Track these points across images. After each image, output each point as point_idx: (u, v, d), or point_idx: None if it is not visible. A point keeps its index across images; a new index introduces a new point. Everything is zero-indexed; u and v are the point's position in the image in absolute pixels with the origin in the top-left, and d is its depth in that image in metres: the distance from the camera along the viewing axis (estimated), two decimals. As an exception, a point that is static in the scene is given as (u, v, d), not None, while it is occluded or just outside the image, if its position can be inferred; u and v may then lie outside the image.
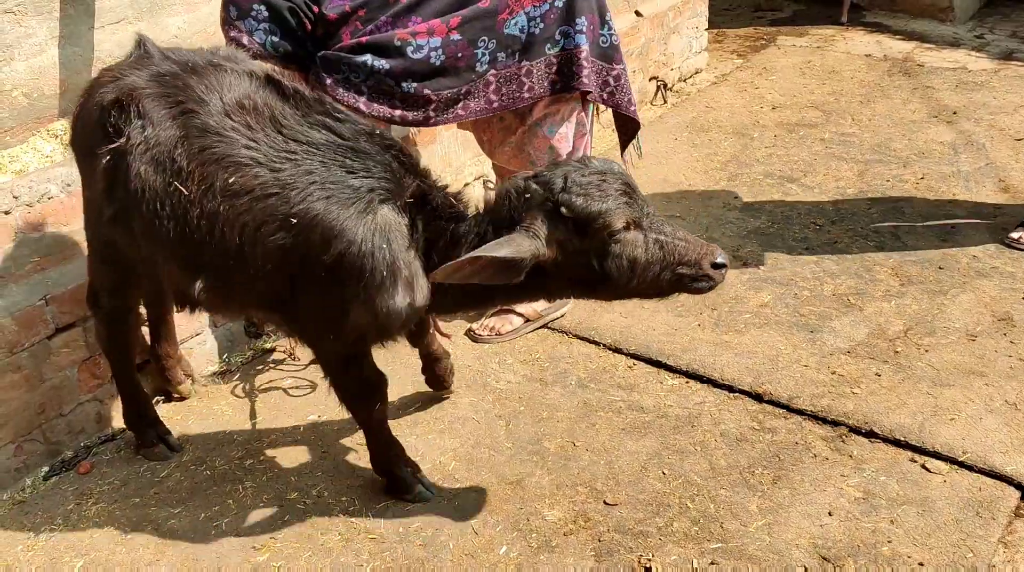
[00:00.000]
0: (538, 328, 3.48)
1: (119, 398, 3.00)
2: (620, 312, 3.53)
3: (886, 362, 3.15)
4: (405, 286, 2.21)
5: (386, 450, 2.70)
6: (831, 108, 5.25)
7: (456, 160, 4.23)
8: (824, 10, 7.02)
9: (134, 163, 2.24)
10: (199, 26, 4.15)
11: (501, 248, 2.06)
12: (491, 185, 4.41)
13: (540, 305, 3.47)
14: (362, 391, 2.52)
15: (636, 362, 3.27)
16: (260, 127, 2.21)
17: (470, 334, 3.48)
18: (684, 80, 5.81)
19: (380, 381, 2.53)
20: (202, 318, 3.36)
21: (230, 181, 2.15)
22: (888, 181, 4.37)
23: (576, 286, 2.26)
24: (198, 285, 2.27)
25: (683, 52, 5.70)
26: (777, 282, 3.66)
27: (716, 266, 2.18)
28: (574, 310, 3.55)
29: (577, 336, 3.44)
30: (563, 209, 2.10)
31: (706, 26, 5.92)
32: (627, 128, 3.35)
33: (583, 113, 3.18)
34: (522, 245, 2.08)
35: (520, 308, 3.44)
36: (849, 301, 3.50)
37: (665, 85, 5.54)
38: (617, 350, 3.34)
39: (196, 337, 3.36)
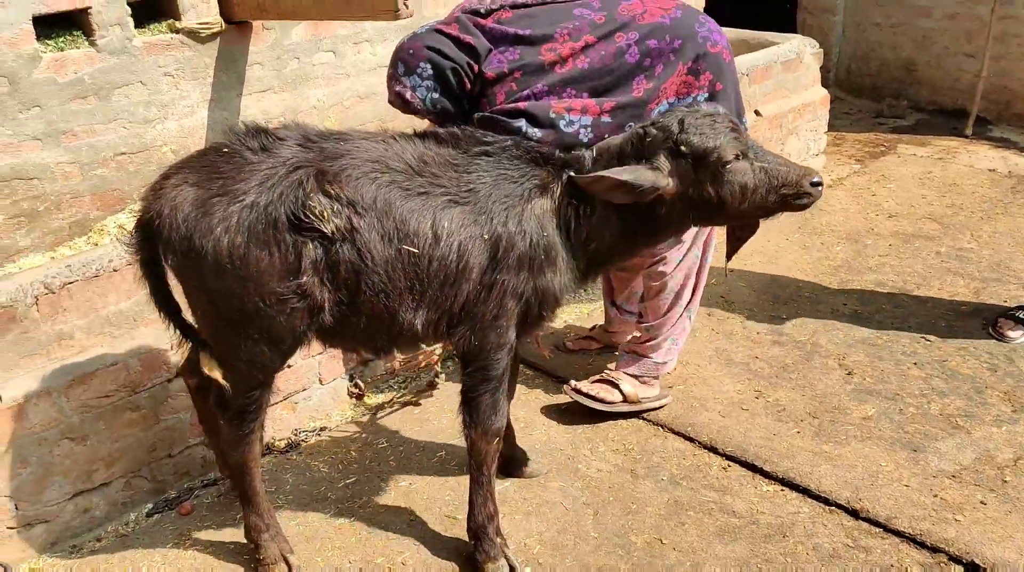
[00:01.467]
0: (634, 413, 3.48)
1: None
2: (718, 411, 3.50)
3: (993, 491, 3.02)
4: (559, 266, 2.58)
5: (485, 506, 2.76)
6: (950, 222, 5.14)
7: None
8: (948, 121, 6.93)
9: (358, 242, 2.36)
10: (336, 99, 4.40)
11: (624, 173, 2.45)
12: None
13: (643, 391, 3.47)
14: (497, 415, 2.71)
15: (731, 464, 3.23)
16: (443, 173, 2.50)
17: (568, 390, 3.47)
18: (799, 181, 5.79)
19: (506, 414, 2.78)
20: (310, 374, 3.49)
21: (444, 225, 2.43)
22: (1006, 301, 4.24)
23: (695, 212, 2.58)
24: (419, 322, 2.51)
25: (800, 153, 5.70)
26: (882, 396, 3.57)
27: (813, 184, 2.52)
28: (671, 405, 3.54)
29: (672, 430, 3.42)
30: (682, 147, 2.48)
31: (825, 129, 5.92)
32: (743, 228, 3.37)
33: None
34: (642, 173, 2.46)
35: (624, 386, 3.44)
36: (957, 422, 3.39)
37: (779, 184, 5.54)
38: (712, 449, 3.30)
39: (302, 392, 3.48)
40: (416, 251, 2.41)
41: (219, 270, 2.35)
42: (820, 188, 2.55)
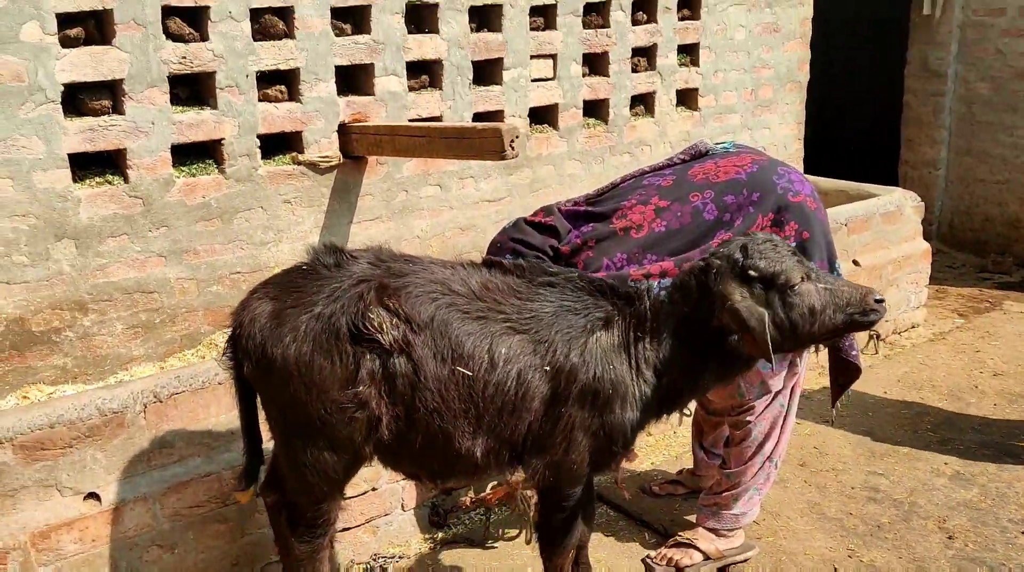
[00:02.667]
0: (718, 568, 3.37)
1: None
2: (808, 567, 3.36)
3: None
4: (628, 400, 2.57)
5: None
6: (1061, 383, 4.94)
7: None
8: (1058, 279, 6.73)
9: (413, 357, 2.43)
10: (439, 229, 4.60)
11: (748, 312, 2.46)
12: (688, 411, 4.42)
13: (723, 544, 3.37)
14: (570, 536, 2.76)
15: (820, 626, 3.07)
16: (505, 300, 2.56)
17: (646, 562, 3.41)
18: (899, 333, 5.68)
19: (579, 533, 2.83)
20: (393, 499, 3.51)
21: (502, 351, 2.47)
22: (1124, 473, 4.00)
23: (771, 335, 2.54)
24: (478, 449, 2.52)
25: (900, 305, 5.61)
26: (986, 564, 3.37)
27: (877, 301, 2.54)
28: (758, 558, 3.41)
29: (758, 585, 3.29)
30: (751, 272, 2.50)
31: (927, 282, 5.83)
32: (844, 375, 3.33)
33: (799, 356, 3.20)
34: (755, 308, 2.48)
35: (702, 544, 3.35)
36: (1071, 601, 3.17)
37: (878, 336, 5.44)
38: (800, 608, 3.16)
39: (384, 517, 3.50)
40: (469, 374, 2.45)
41: (287, 377, 2.46)
42: (884, 305, 2.58)
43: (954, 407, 4.71)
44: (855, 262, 5.26)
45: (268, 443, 2.79)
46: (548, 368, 2.51)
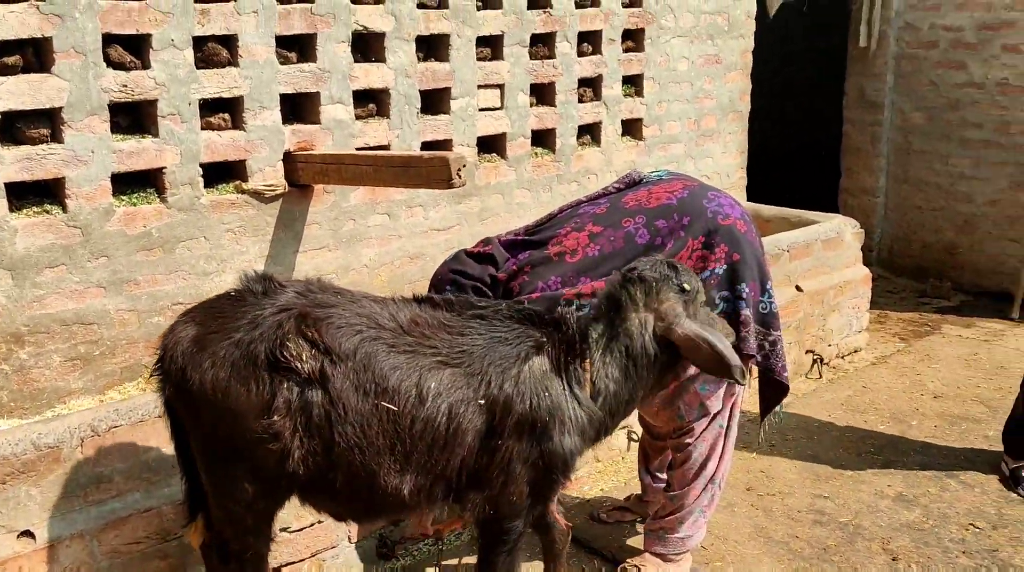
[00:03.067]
0: (667, 595, 3.37)
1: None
2: (755, 591, 3.38)
3: None
4: (565, 426, 2.55)
5: None
6: (997, 405, 5.05)
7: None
8: (993, 304, 6.91)
9: (331, 390, 2.38)
10: (387, 259, 4.59)
11: (713, 336, 2.58)
12: (635, 436, 4.44)
13: (671, 569, 3.38)
14: (513, 567, 2.73)
15: (768, 650, 3.08)
16: (435, 334, 2.52)
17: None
18: (842, 357, 5.78)
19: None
20: (339, 531, 3.46)
21: (431, 386, 2.43)
22: (1059, 491, 4.10)
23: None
24: (406, 487, 2.47)
25: (842, 329, 5.71)
26: (930, 585, 3.43)
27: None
28: (707, 581, 3.43)
29: (707, 610, 3.30)
30: (685, 285, 2.63)
31: (868, 307, 5.95)
32: (771, 395, 3.38)
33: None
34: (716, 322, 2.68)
35: (650, 570, 3.36)
36: (1011, 619, 3.23)
37: (822, 360, 5.53)
38: (749, 633, 3.17)
39: (331, 550, 3.45)
40: (395, 409, 2.41)
41: (205, 403, 2.43)
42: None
43: (896, 430, 4.80)
44: (798, 287, 5.36)
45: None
46: (482, 401, 2.47)
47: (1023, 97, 6.74)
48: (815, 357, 5.50)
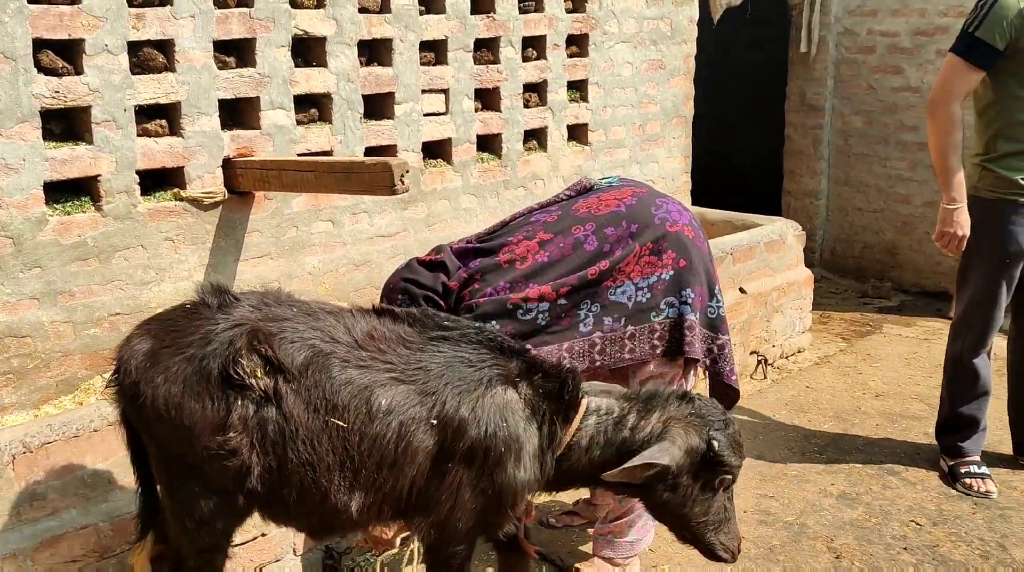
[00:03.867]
0: (616, 599, 3.38)
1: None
2: (702, 593, 3.40)
3: None
4: (523, 459, 2.48)
5: None
6: (936, 402, 5.11)
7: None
8: (932, 302, 7.07)
9: (284, 407, 2.34)
10: (332, 266, 4.53)
11: (665, 456, 2.43)
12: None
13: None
14: None
15: (715, 651, 3.10)
16: (391, 349, 2.46)
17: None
18: (786, 357, 5.86)
19: None
20: (284, 544, 3.40)
21: (382, 402, 2.37)
22: (998, 486, 4.19)
23: (667, 496, 2.53)
24: (355, 505, 2.42)
25: (786, 330, 5.79)
26: (872, 581, 3.48)
27: (737, 550, 2.66)
28: (655, 584, 3.44)
29: (655, 613, 3.31)
30: (714, 443, 2.48)
31: (811, 308, 6.04)
32: (723, 399, 3.41)
33: (684, 380, 3.26)
34: (677, 457, 2.44)
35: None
36: (951, 613, 3.29)
37: (766, 361, 5.60)
38: (696, 634, 3.18)
39: (275, 563, 3.39)
40: (343, 425, 2.36)
41: (159, 419, 2.39)
42: (735, 557, 2.70)
43: (839, 428, 4.88)
44: (741, 289, 5.42)
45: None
46: (435, 421, 2.41)
47: (957, 101, 6.91)
48: (759, 358, 5.57)
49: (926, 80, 7.02)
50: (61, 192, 3.68)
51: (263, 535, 3.30)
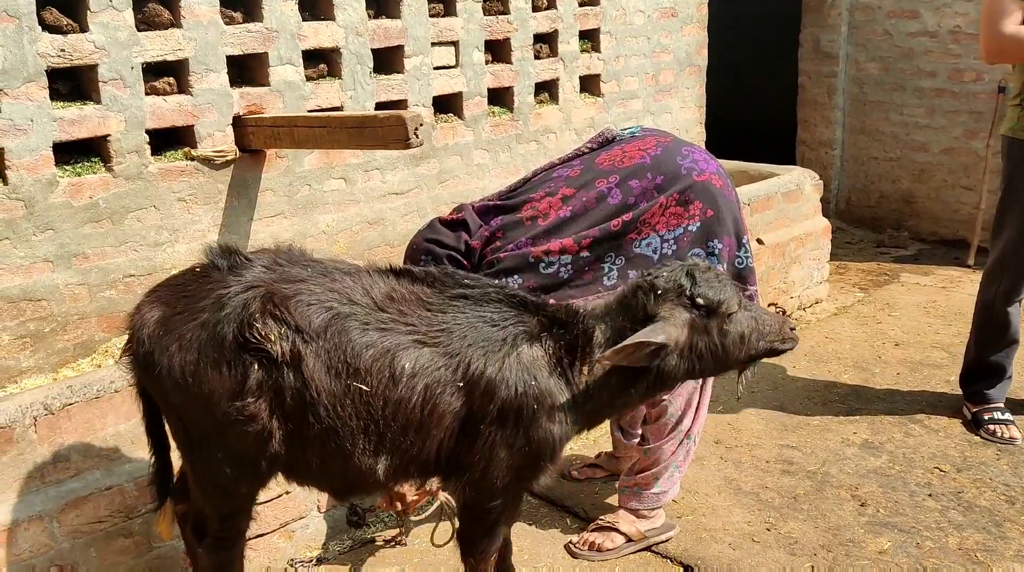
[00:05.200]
0: (640, 550, 3.37)
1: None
2: (729, 543, 3.39)
3: (1020, 632, 2.89)
4: (556, 412, 2.47)
5: None
6: (957, 350, 5.10)
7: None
8: (950, 251, 7.00)
9: (304, 371, 2.28)
10: (345, 224, 4.48)
11: (657, 334, 2.43)
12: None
13: (644, 525, 3.38)
14: (492, 543, 2.68)
15: (743, 599, 3.10)
16: (412, 311, 2.41)
17: (568, 548, 3.39)
18: (804, 309, 5.81)
19: (501, 539, 2.75)
20: (308, 501, 3.40)
21: (405, 365, 2.32)
22: (1022, 432, 4.16)
23: (699, 363, 2.54)
24: (381, 467, 2.39)
25: (803, 281, 5.74)
26: (898, 528, 3.46)
27: (791, 329, 2.65)
28: (680, 536, 3.43)
29: (682, 563, 3.30)
30: (699, 299, 2.49)
31: (828, 258, 5.98)
32: None
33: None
34: (671, 330, 2.46)
35: (623, 527, 3.35)
36: (976, 557, 3.27)
37: (784, 312, 5.56)
38: (723, 583, 3.18)
39: (300, 520, 3.39)
40: (366, 389, 2.32)
41: (176, 387, 2.34)
42: (796, 332, 2.68)
43: (860, 378, 4.84)
44: (759, 240, 5.35)
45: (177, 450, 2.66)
46: (461, 383, 2.37)
47: (976, 44, 6.75)
48: (777, 309, 5.53)
49: (943, 24, 6.88)
50: (71, 153, 3.63)
51: (287, 493, 3.30)
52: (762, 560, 3.29)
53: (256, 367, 2.28)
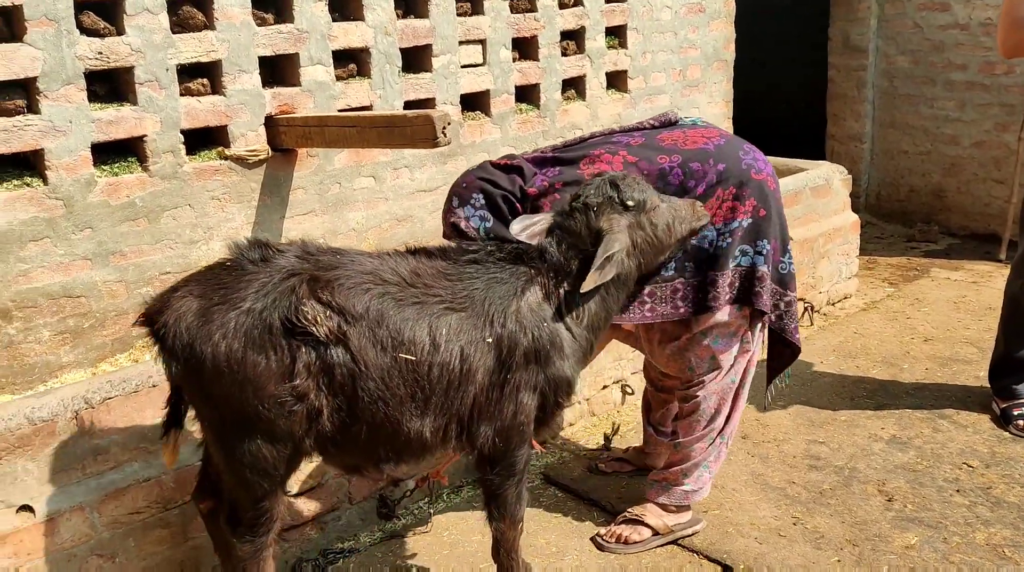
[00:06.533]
0: (667, 543, 3.40)
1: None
2: (755, 537, 3.41)
3: (1048, 628, 2.89)
4: (564, 348, 2.72)
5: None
6: (987, 345, 5.08)
7: (597, 364, 4.32)
8: (981, 245, 6.94)
9: (351, 348, 2.44)
10: (375, 222, 4.55)
11: (613, 244, 2.73)
12: (629, 389, 4.46)
13: (671, 519, 3.41)
14: (521, 504, 2.87)
15: (768, 593, 3.13)
16: (436, 283, 2.60)
17: (595, 541, 3.43)
18: (832, 304, 5.80)
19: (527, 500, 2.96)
20: (339, 493, 3.47)
21: (443, 332, 2.54)
22: (1050, 428, 4.14)
23: (641, 259, 2.86)
24: (427, 430, 2.57)
25: (832, 276, 5.72)
26: (925, 524, 3.47)
27: (702, 211, 2.95)
28: (706, 530, 3.46)
29: (708, 557, 3.33)
30: (628, 202, 2.78)
31: (857, 253, 5.96)
32: (780, 357, 3.39)
33: (749, 332, 3.23)
34: (620, 237, 2.76)
35: (651, 520, 3.38)
36: (1004, 553, 3.27)
37: (812, 307, 5.55)
38: (749, 577, 3.21)
39: (331, 512, 3.46)
40: (413, 358, 2.50)
41: (218, 375, 2.41)
42: (703, 209, 2.97)
43: (888, 374, 4.83)
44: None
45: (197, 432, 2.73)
46: (490, 340, 2.60)
47: (1007, 37, 6.69)
48: (806, 305, 5.52)
49: (974, 16, 6.82)
50: (108, 153, 3.72)
51: (320, 485, 3.37)
52: (788, 554, 3.31)
53: (303, 349, 2.41)
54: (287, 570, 3.30)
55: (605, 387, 4.46)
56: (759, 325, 3.26)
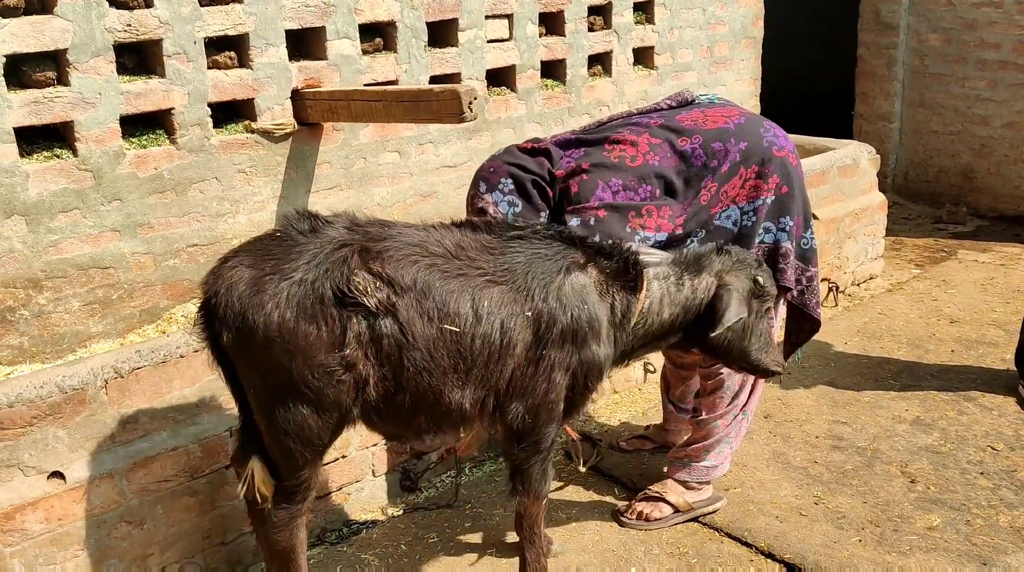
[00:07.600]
0: (687, 520, 3.42)
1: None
2: (776, 516, 3.42)
3: (1070, 611, 2.88)
4: (601, 335, 2.71)
5: (538, 562, 2.94)
6: (1014, 328, 5.03)
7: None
8: (1010, 228, 6.86)
9: (399, 318, 2.46)
10: (399, 197, 4.56)
11: (744, 308, 2.80)
12: (651, 367, 4.46)
13: (692, 496, 3.42)
14: (546, 481, 2.88)
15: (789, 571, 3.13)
16: (479, 256, 2.62)
17: (616, 517, 3.45)
18: (857, 284, 5.76)
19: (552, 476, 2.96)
20: (363, 465, 3.50)
21: (485, 305, 2.55)
22: (1077, 412, 4.11)
23: (726, 342, 2.90)
24: (467, 401, 2.60)
25: (858, 257, 5.68)
26: (948, 505, 3.46)
27: (775, 372, 3.04)
28: (727, 508, 3.47)
29: (729, 535, 3.34)
30: (759, 279, 2.86)
31: (883, 234, 5.90)
32: (800, 333, 3.38)
33: (773, 308, 3.23)
34: (743, 307, 2.82)
35: (671, 497, 3.40)
36: (1029, 537, 3.26)
37: (837, 288, 5.51)
38: (770, 556, 3.21)
39: (356, 484, 3.50)
40: (457, 330, 2.51)
41: (269, 344, 2.43)
42: (784, 368, 3.08)
43: (913, 355, 4.80)
44: (813, 215, 5.30)
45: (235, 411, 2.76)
46: (529, 313, 2.59)
47: (1043, 15, 6.58)
48: (831, 285, 5.48)
49: (1009, -7, 6.69)
50: (136, 126, 3.75)
51: (344, 457, 3.40)
52: (809, 533, 3.31)
53: (354, 319, 2.44)
54: (311, 539, 3.34)
55: (628, 363, 4.45)
56: (780, 299, 3.26)
